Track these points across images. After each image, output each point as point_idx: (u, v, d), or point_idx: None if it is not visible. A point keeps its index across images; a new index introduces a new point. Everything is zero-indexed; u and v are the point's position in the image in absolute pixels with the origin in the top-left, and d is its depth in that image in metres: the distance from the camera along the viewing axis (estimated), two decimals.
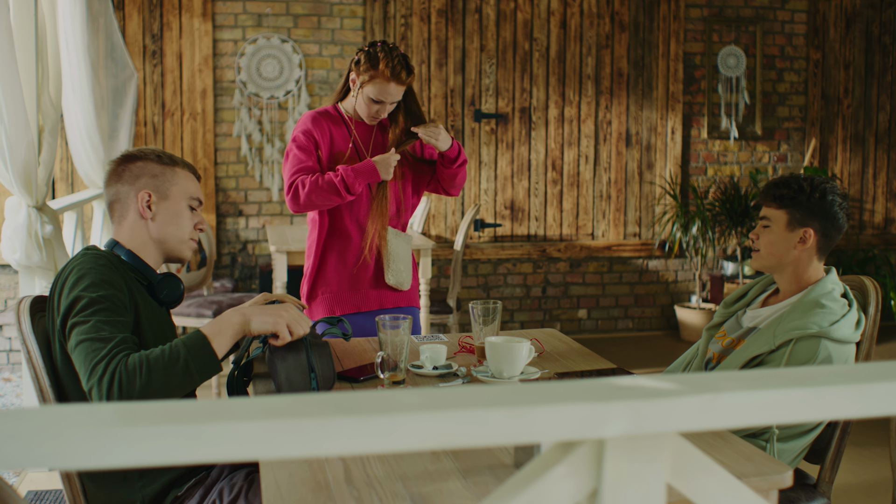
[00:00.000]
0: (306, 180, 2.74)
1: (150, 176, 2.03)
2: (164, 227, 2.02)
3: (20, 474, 3.41)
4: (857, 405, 0.76)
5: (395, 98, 2.78)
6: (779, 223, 2.25)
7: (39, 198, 3.25)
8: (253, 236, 5.56)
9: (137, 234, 2.02)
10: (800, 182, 2.24)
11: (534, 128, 5.85)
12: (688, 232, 5.75)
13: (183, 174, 2.06)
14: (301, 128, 2.84)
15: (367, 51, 2.77)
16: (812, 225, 2.22)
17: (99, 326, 1.76)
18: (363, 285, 2.90)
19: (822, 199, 2.21)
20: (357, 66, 2.78)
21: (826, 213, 2.22)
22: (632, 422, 0.71)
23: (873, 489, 3.40)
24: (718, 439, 1.69)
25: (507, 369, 2.08)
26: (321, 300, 2.90)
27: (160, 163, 2.04)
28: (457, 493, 1.45)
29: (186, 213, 2.05)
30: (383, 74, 2.73)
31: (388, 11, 5.59)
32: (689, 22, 6.02)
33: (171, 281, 2.04)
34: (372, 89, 2.75)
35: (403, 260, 2.92)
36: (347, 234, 2.87)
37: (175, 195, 2.04)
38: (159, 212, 2.02)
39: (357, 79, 2.78)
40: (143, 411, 0.65)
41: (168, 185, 2.03)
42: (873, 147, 6.35)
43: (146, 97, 5.34)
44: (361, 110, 2.83)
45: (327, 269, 2.89)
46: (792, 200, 2.23)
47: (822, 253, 2.25)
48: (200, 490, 1.93)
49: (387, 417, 0.66)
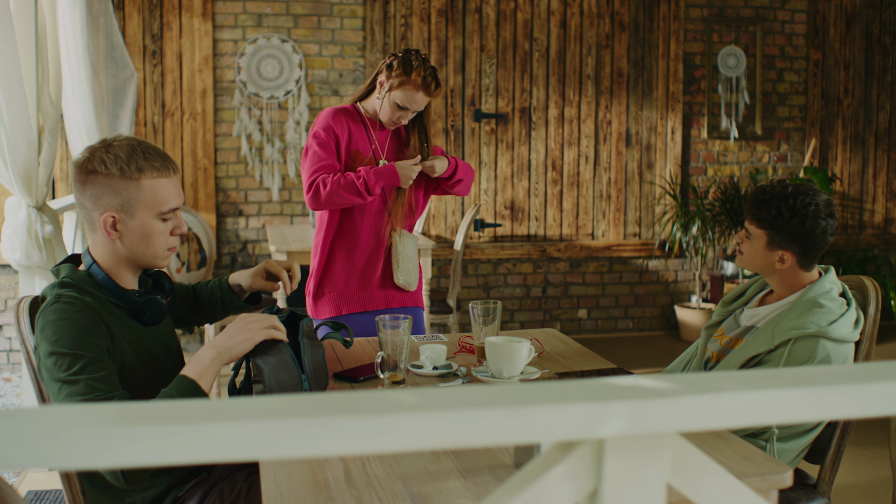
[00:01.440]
0: (327, 179, 2.76)
1: (112, 193, 1.84)
2: (134, 248, 1.89)
3: (20, 474, 3.41)
4: (858, 405, 0.76)
5: (420, 108, 2.83)
6: (759, 241, 2.23)
7: (39, 198, 3.24)
8: (253, 236, 5.56)
9: (108, 253, 1.90)
10: (780, 206, 2.18)
11: (534, 128, 5.85)
12: (688, 232, 5.75)
13: (150, 186, 1.85)
14: (321, 124, 2.85)
15: (402, 57, 2.81)
16: (791, 248, 2.19)
17: (92, 386, 1.70)
18: (371, 285, 2.92)
19: (801, 225, 2.16)
20: (389, 70, 2.81)
21: (805, 237, 2.17)
22: (632, 422, 0.71)
23: (873, 489, 3.40)
24: (718, 439, 1.69)
25: (507, 369, 2.08)
26: (328, 298, 2.91)
27: (123, 176, 1.83)
28: (456, 492, 1.45)
29: (157, 228, 1.89)
30: (414, 83, 2.77)
31: (388, 11, 5.58)
32: (689, 22, 6.02)
33: (152, 304, 1.92)
34: (400, 95, 2.78)
35: (412, 260, 2.95)
36: (357, 233, 2.89)
37: (142, 213, 1.86)
38: (126, 232, 1.87)
39: (386, 82, 2.81)
40: (142, 411, 0.65)
41: (133, 204, 1.85)
42: (873, 147, 6.35)
43: (146, 97, 5.34)
44: (384, 113, 2.85)
45: (335, 268, 2.90)
46: (771, 224, 2.19)
47: (806, 267, 2.23)
48: (200, 491, 1.93)
49: (387, 417, 0.66)
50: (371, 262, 2.91)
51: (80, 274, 1.89)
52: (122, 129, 4.85)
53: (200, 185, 5.44)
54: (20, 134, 3.05)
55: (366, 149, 2.89)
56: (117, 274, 1.91)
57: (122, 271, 1.92)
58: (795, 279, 2.23)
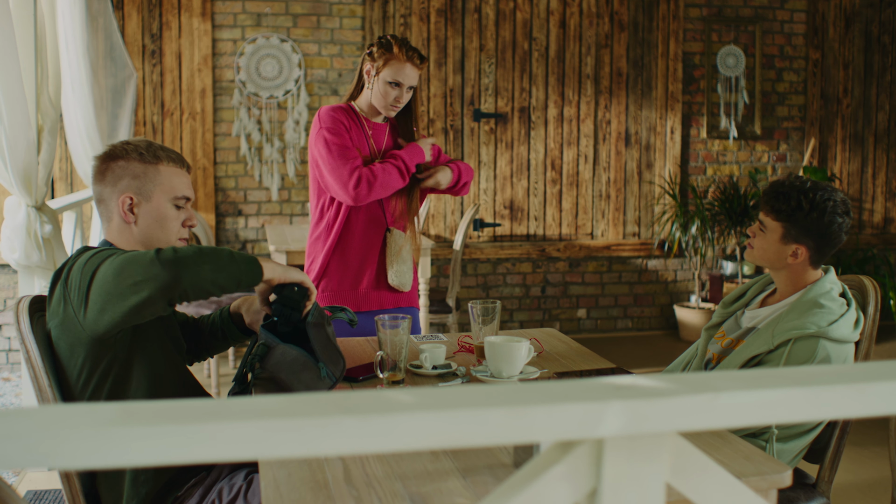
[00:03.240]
0: (374, 170, 2.77)
1: (132, 177, 1.94)
2: (149, 231, 1.96)
3: (19, 474, 3.41)
4: (857, 405, 0.76)
5: (412, 81, 2.84)
6: (774, 234, 2.22)
7: (39, 197, 3.24)
8: (252, 236, 5.56)
9: (124, 237, 1.97)
10: (799, 198, 2.16)
11: (533, 127, 5.85)
12: (687, 231, 5.75)
13: (167, 171, 1.97)
14: (326, 122, 2.83)
15: (379, 40, 2.86)
16: (806, 243, 2.18)
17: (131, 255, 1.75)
18: (364, 285, 2.91)
19: (819, 219, 2.15)
20: (371, 56, 2.85)
21: (822, 232, 2.16)
22: (631, 421, 0.71)
23: (872, 489, 3.40)
24: (718, 439, 1.69)
25: (506, 369, 2.08)
26: (321, 297, 2.91)
27: (142, 161, 1.95)
28: (456, 492, 1.45)
29: (171, 214, 1.97)
30: (398, 57, 2.81)
31: (387, 11, 5.58)
32: (689, 21, 6.02)
33: None
34: (389, 72, 2.81)
35: (406, 261, 2.94)
36: (351, 232, 2.88)
37: (158, 196, 1.95)
38: (142, 215, 1.95)
39: (373, 68, 2.84)
40: (142, 411, 0.65)
41: (151, 186, 1.95)
42: (872, 146, 6.35)
43: (145, 97, 5.34)
44: (378, 101, 2.85)
45: (330, 266, 2.90)
46: (789, 217, 2.18)
47: (816, 264, 2.23)
48: (200, 490, 1.93)
49: (386, 417, 0.66)
50: (365, 263, 2.90)
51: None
52: (121, 128, 4.85)
53: (200, 185, 5.43)
54: (19, 133, 3.05)
55: (363, 146, 2.89)
56: None
57: None
58: (802, 276, 2.23)
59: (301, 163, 5.55)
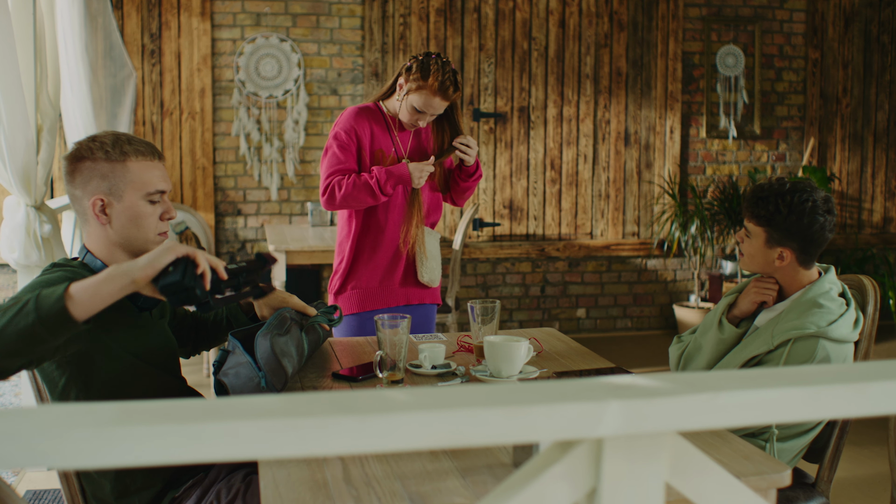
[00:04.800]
0: (342, 182, 2.80)
1: (100, 177, 1.86)
2: (124, 231, 1.89)
3: (19, 474, 3.41)
4: (856, 404, 0.76)
5: (437, 111, 2.85)
6: (758, 239, 2.23)
7: (38, 197, 3.24)
8: (252, 235, 5.56)
9: (101, 240, 1.91)
10: (777, 202, 2.17)
11: (532, 127, 5.85)
12: (686, 231, 5.75)
13: (137, 167, 1.88)
14: (344, 125, 2.88)
15: (421, 60, 2.82)
16: (790, 245, 2.18)
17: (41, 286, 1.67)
18: (393, 282, 2.97)
19: (798, 221, 2.15)
20: (408, 73, 2.83)
21: (804, 233, 2.17)
22: (630, 421, 0.71)
23: (872, 488, 3.40)
24: (717, 438, 1.69)
25: (505, 368, 2.08)
26: (350, 294, 2.97)
27: (108, 160, 1.86)
28: (455, 492, 1.45)
29: (146, 211, 1.90)
30: (431, 87, 2.79)
31: (386, 10, 5.58)
32: (688, 21, 6.02)
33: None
34: (417, 99, 2.81)
35: (436, 258, 3.01)
36: (381, 231, 2.94)
37: (130, 195, 1.87)
38: (115, 215, 1.88)
39: (405, 85, 2.84)
40: (141, 411, 0.65)
41: (121, 185, 1.87)
42: (872, 146, 6.35)
43: (145, 96, 5.33)
44: (403, 115, 2.89)
45: (359, 265, 2.95)
46: (769, 221, 2.18)
47: (806, 265, 2.23)
48: (198, 491, 1.92)
49: (385, 417, 0.66)
50: (395, 260, 2.96)
51: (74, 263, 1.91)
52: (120, 128, 4.85)
53: (199, 185, 5.43)
54: (19, 133, 3.05)
55: (388, 148, 2.93)
56: (112, 261, 1.90)
57: (117, 258, 1.91)
58: (796, 278, 2.23)
59: (300, 162, 5.55)
